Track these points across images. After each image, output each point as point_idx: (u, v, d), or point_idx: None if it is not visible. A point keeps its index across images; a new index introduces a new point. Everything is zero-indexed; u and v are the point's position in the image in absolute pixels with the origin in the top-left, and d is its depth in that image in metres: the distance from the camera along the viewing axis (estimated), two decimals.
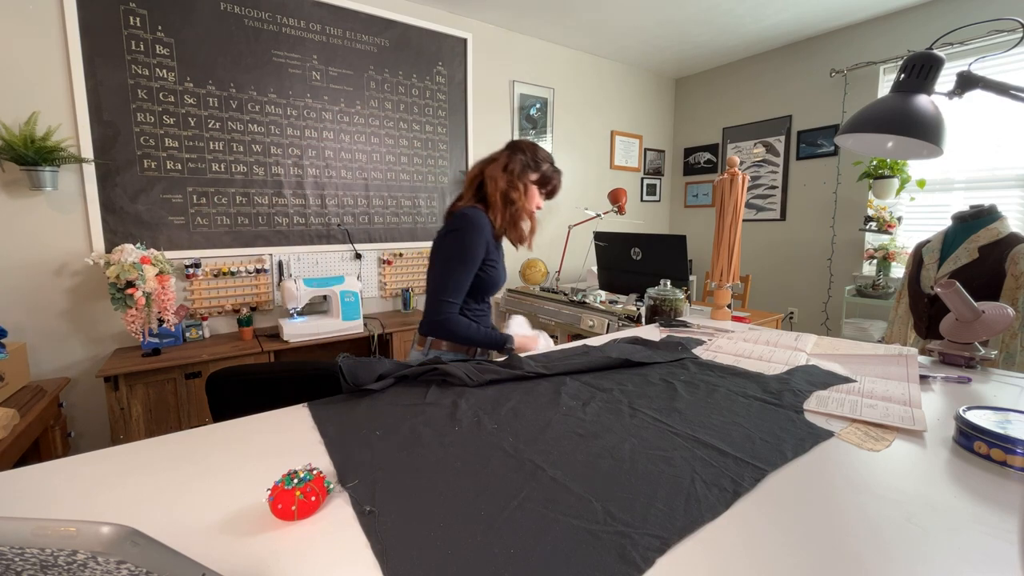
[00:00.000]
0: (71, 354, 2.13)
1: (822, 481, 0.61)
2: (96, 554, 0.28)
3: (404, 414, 0.79)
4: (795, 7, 3.00)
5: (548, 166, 1.39)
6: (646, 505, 0.54)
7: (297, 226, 2.63)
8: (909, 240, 3.03)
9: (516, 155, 1.36)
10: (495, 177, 1.33)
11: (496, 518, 0.52)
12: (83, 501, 0.58)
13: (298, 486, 0.53)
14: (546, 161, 1.39)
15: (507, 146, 1.39)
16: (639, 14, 3.11)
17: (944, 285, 1.03)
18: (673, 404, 0.84)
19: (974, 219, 1.56)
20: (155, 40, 2.18)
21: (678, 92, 4.48)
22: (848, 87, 3.28)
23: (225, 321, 2.48)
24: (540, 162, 1.37)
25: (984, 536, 0.50)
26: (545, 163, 1.39)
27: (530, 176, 1.36)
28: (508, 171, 1.34)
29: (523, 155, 1.36)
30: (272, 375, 1.27)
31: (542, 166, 1.38)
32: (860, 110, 0.95)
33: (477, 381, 0.92)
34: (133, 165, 2.18)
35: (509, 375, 0.95)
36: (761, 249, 3.89)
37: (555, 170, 1.42)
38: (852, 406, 0.82)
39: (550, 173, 1.40)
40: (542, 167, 1.38)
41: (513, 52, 3.40)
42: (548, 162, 1.40)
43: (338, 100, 2.68)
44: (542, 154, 1.39)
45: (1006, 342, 1.42)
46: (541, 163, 1.37)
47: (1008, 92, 0.79)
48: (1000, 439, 0.64)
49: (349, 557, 0.48)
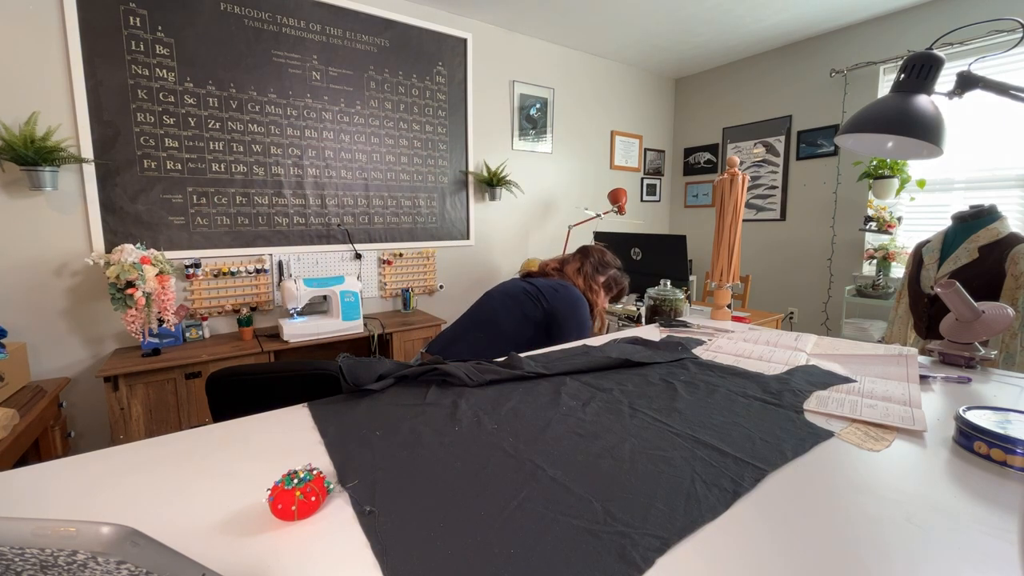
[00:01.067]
0: (71, 354, 2.13)
1: (822, 481, 0.61)
2: (96, 554, 0.28)
3: (404, 414, 0.79)
4: (795, 7, 3.00)
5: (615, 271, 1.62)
6: (646, 505, 0.54)
7: (297, 226, 2.63)
8: (909, 240, 3.03)
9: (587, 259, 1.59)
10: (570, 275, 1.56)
11: (496, 518, 0.52)
12: (83, 501, 0.58)
13: (298, 486, 0.53)
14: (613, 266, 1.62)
15: (578, 250, 1.64)
16: (639, 14, 3.11)
17: (944, 285, 1.03)
18: (673, 404, 0.84)
19: (974, 219, 1.56)
20: (155, 40, 2.18)
21: (678, 92, 4.48)
22: (848, 87, 3.28)
23: (225, 321, 2.48)
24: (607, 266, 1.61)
25: (984, 536, 0.50)
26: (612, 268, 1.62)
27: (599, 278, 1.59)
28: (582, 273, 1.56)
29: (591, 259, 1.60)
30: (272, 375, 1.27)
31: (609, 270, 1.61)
32: (860, 110, 0.95)
33: (477, 381, 0.92)
34: (133, 165, 2.18)
35: (509, 375, 0.95)
36: (761, 249, 3.89)
37: (622, 274, 1.63)
38: (852, 406, 0.82)
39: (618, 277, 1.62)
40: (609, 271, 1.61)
41: (513, 52, 3.40)
42: (615, 267, 1.63)
43: (338, 100, 2.68)
44: (608, 258, 1.62)
45: (1006, 342, 1.42)
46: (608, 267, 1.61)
47: (1008, 92, 0.79)
48: (1000, 439, 0.64)
49: (349, 557, 0.48)
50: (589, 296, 1.51)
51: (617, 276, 1.60)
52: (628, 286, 1.66)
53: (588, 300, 1.50)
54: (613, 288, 1.60)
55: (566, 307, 1.43)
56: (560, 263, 1.63)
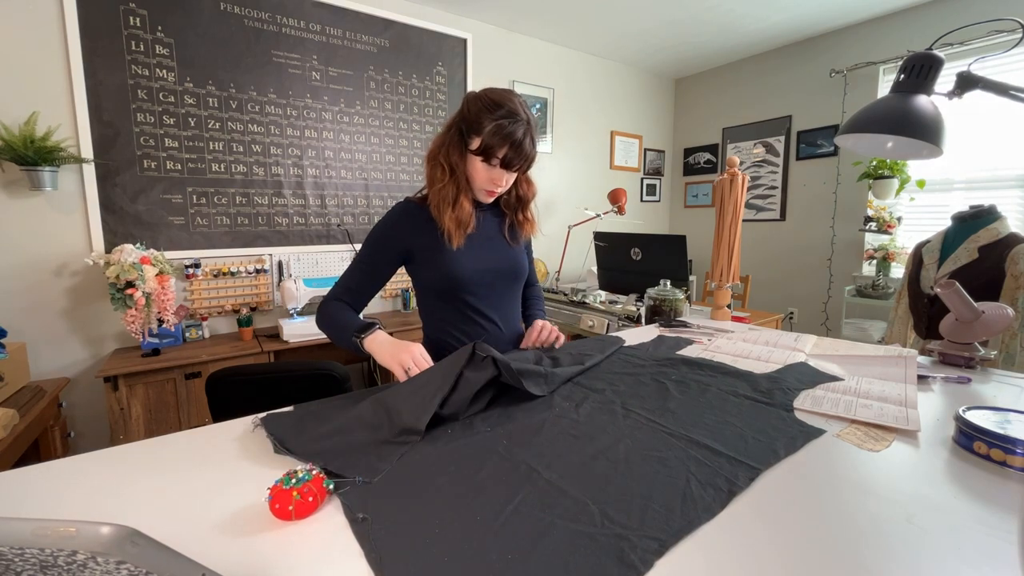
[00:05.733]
0: (71, 354, 2.13)
1: (822, 481, 0.61)
2: (96, 554, 0.28)
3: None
4: (795, 7, 3.00)
5: (490, 120, 0.95)
6: (643, 507, 0.54)
7: (297, 226, 2.63)
8: (909, 240, 3.03)
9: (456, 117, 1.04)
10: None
11: (492, 522, 0.51)
12: (83, 501, 0.58)
13: (296, 486, 0.53)
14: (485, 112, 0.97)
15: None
16: (639, 14, 3.11)
17: (944, 285, 1.03)
18: (666, 404, 0.84)
19: (974, 219, 1.56)
20: (155, 40, 2.18)
21: (678, 92, 4.48)
22: (848, 87, 3.28)
23: (225, 321, 2.48)
24: (475, 117, 0.98)
25: (984, 536, 0.50)
26: (485, 114, 0.96)
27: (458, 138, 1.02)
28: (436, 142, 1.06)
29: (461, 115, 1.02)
30: (272, 375, 1.27)
31: (482, 122, 0.96)
32: (860, 110, 0.95)
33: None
34: (133, 165, 2.18)
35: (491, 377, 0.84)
36: (761, 249, 3.89)
37: (493, 119, 0.95)
38: (847, 406, 0.83)
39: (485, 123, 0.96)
40: (483, 123, 0.96)
41: (513, 52, 3.40)
42: (488, 111, 0.96)
43: (338, 100, 2.68)
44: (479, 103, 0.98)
45: (1006, 342, 1.42)
46: (478, 118, 0.97)
47: (1008, 92, 0.79)
48: (1000, 439, 0.64)
49: (348, 557, 0.48)
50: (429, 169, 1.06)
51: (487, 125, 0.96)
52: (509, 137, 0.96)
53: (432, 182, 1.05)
54: (487, 148, 0.97)
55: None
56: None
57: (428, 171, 1.06)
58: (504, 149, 0.97)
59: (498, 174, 1.01)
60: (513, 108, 0.97)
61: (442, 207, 1.03)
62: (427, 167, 1.07)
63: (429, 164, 1.06)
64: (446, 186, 1.02)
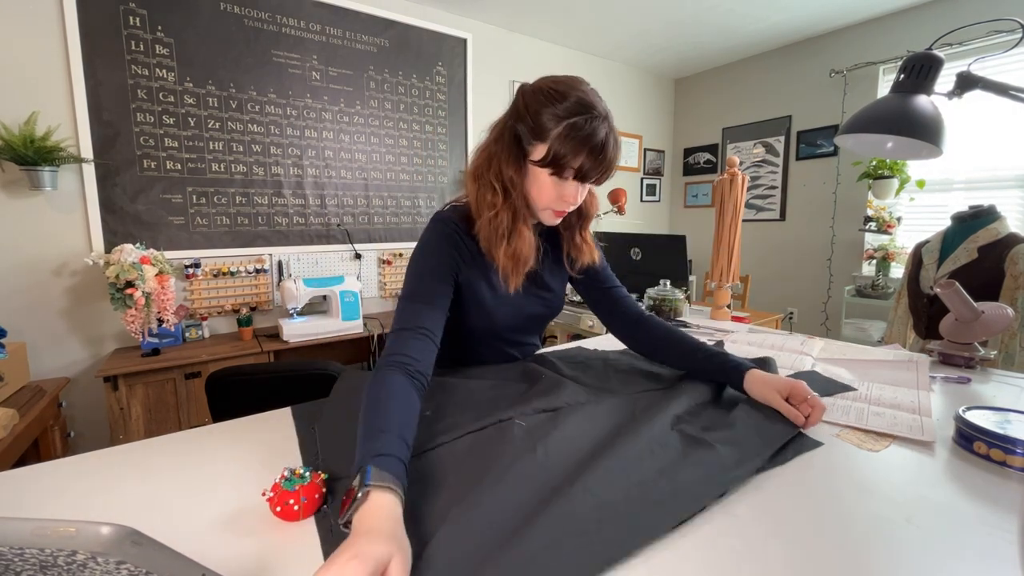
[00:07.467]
0: (71, 354, 2.13)
1: (822, 481, 0.61)
2: (96, 554, 0.28)
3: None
4: (795, 7, 3.00)
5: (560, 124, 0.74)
6: (641, 508, 0.54)
7: (297, 226, 2.63)
8: (909, 240, 3.03)
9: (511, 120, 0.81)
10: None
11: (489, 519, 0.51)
12: (83, 501, 0.58)
13: (298, 485, 0.53)
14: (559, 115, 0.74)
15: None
16: (639, 14, 3.11)
17: (943, 285, 1.03)
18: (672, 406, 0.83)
19: (973, 219, 1.56)
20: (155, 40, 2.18)
21: (678, 92, 4.48)
22: (848, 87, 3.28)
23: (225, 321, 2.48)
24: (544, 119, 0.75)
25: (984, 536, 0.50)
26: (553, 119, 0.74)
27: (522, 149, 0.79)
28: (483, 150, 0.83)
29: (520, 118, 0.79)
30: (272, 375, 1.27)
31: (546, 123, 0.75)
32: (860, 110, 0.95)
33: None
34: (133, 165, 2.18)
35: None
36: (761, 249, 3.89)
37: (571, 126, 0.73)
38: (858, 414, 0.81)
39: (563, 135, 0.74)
40: (548, 125, 0.75)
41: (513, 52, 3.40)
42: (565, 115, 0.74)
43: (338, 100, 2.68)
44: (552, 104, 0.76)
45: (1005, 342, 1.42)
46: (540, 118, 0.76)
47: (1008, 92, 0.79)
48: (1000, 439, 0.64)
49: None
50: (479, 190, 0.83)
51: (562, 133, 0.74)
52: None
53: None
54: (559, 160, 0.75)
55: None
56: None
57: (474, 192, 0.82)
58: (581, 157, 0.74)
59: (571, 189, 0.77)
60: (586, 99, 0.75)
61: (495, 240, 0.80)
62: (472, 186, 0.82)
63: (475, 183, 0.82)
64: (500, 212, 0.79)
